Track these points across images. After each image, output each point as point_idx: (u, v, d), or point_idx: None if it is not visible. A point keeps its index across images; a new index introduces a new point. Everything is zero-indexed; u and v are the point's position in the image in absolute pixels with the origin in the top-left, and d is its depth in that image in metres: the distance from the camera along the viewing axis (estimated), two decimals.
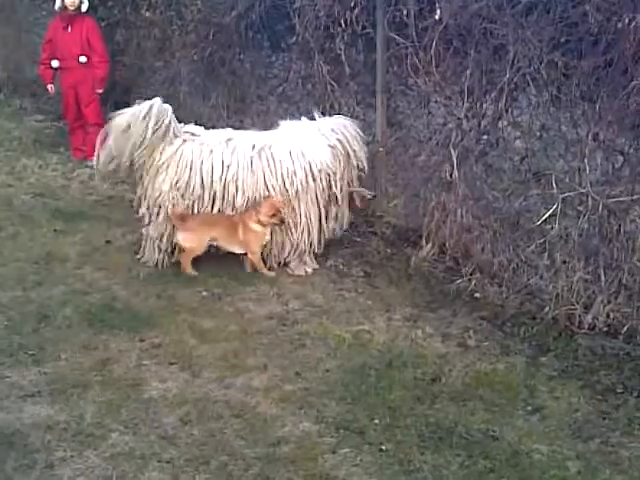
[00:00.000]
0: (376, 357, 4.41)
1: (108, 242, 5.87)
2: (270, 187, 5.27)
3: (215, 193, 5.28)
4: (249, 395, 4.03)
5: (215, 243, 5.34)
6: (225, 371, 4.24)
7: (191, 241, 5.29)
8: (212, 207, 5.31)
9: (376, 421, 3.82)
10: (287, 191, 5.27)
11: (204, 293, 5.15)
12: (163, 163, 5.27)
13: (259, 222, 5.22)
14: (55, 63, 7.34)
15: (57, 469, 3.45)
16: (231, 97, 7.12)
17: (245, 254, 5.40)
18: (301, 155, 5.30)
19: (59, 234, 5.93)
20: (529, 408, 3.97)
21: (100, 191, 6.89)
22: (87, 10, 7.22)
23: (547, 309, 4.70)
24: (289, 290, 5.26)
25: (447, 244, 5.42)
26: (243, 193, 5.27)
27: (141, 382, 4.11)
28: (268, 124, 6.73)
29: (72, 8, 7.15)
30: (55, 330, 4.61)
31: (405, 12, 5.18)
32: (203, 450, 3.58)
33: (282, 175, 5.27)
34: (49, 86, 7.49)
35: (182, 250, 5.33)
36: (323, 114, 6.21)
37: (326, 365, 4.34)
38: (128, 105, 6.91)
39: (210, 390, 4.07)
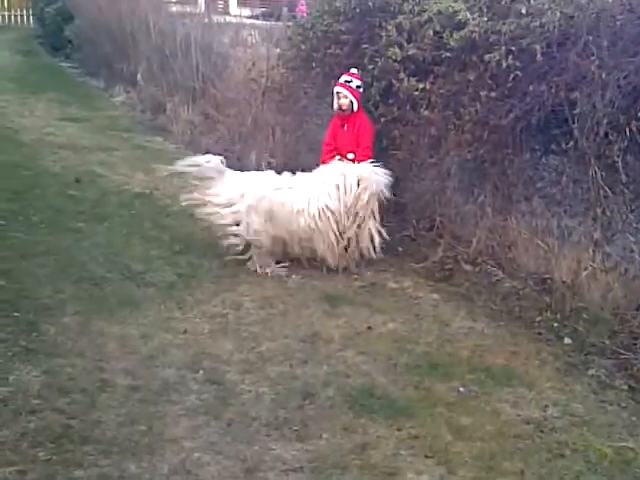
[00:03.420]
0: None
1: (369, 328, 6.05)
2: None
3: None
4: None
5: None
6: (481, 472, 4.22)
7: None
8: None
9: None
10: None
11: (461, 389, 5.16)
12: None
13: None
14: None
15: None
16: (497, 196, 7.19)
17: None
18: None
19: (324, 315, 6.22)
20: None
21: (365, 277, 7.16)
22: (364, 107, 7.69)
23: None
24: (547, 395, 5.13)
25: None
26: None
27: (397, 472, 4.20)
28: (533, 224, 6.76)
29: (344, 108, 7.66)
30: (318, 409, 4.84)
31: None
32: None
33: None
34: None
35: None
36: (594, 220, 6.14)
37: None
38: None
39: None
